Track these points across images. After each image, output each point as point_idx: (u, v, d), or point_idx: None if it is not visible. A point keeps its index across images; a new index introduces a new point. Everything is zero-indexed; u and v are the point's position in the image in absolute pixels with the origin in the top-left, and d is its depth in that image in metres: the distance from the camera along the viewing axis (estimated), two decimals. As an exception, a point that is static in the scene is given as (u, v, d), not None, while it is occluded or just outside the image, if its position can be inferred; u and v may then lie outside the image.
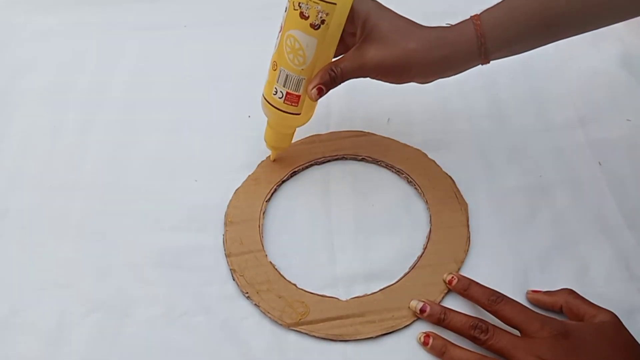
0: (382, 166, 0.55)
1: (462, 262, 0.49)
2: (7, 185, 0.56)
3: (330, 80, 0.46)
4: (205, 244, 0.51)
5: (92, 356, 0.46)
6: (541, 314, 0.43)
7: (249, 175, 0.55)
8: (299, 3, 0.45)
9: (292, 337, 0.46)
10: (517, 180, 0.54)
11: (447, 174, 0.54)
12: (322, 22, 0.45)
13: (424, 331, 0.45)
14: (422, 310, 0.46)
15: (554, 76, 0.61)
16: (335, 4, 0.44)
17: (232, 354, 0.45)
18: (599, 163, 0.55)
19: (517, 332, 0.43)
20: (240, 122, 0.59)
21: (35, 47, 0.67)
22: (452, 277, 0.47)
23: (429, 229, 0.51)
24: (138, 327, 0.47)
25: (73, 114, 0.61)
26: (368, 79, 0.48)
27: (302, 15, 0.45)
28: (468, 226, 0.51)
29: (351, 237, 0.51)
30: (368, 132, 0.57)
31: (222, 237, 0.51)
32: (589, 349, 0.41)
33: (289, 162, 0.55)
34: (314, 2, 0.44)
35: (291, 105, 0.48)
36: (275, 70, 0.48)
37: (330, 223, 0.52)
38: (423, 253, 0.50)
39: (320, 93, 0.47)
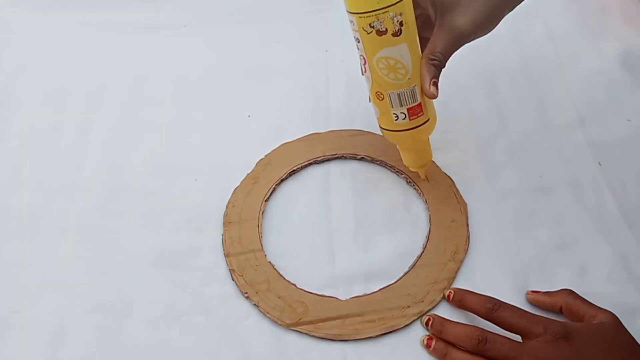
0: (382, 165, 0.55)
1: (462, 261, 0.49)
2: (7, 185, 0.56)
3: (436, 69, 0.44)
4: (204, 244, 0.51)
5: (92, 356, 0.46)
6: (542, 317, 0.43)
7: (248, 175, 0.55)
8: (370, 24, 0.42)
9: (291, 337, 0.46)
10: (517, 180, 0.54)
11: (446, 174, 0.54)
12: (401, 24, 0.42)
13: (428, 334, 0.45)
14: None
15: (554, 76, 0.61)
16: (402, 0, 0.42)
17: (231, 354, 0.45)
18: (599, 163, 0.55)
19: (515, 336, 0.43)
20: (239, 121, 0.59)
21: (35, 47, 0.67)
22: (449, 292, 0.47)
23: (428, 229, 0.51)
24: (138, 327, 0.47)
25: (73, 114, 0.61)
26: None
27: (380, 32, 0.42)
28: (468, 226, 0.51)
29: (351, 237, 0.51)
30: (368, 131, 0.57)
31: (221, 237, 0.51)
32: (589, 350, 0.41)
33: (288, 161, 0.55)
34: (383, 12, 0.41)
35: (417, 117, 0.46)
36: (382, 99, 0.46)
37: (330, 223, 0.52)
38: (422, 252, 0.50)
39: (437, 86, 0.45)
